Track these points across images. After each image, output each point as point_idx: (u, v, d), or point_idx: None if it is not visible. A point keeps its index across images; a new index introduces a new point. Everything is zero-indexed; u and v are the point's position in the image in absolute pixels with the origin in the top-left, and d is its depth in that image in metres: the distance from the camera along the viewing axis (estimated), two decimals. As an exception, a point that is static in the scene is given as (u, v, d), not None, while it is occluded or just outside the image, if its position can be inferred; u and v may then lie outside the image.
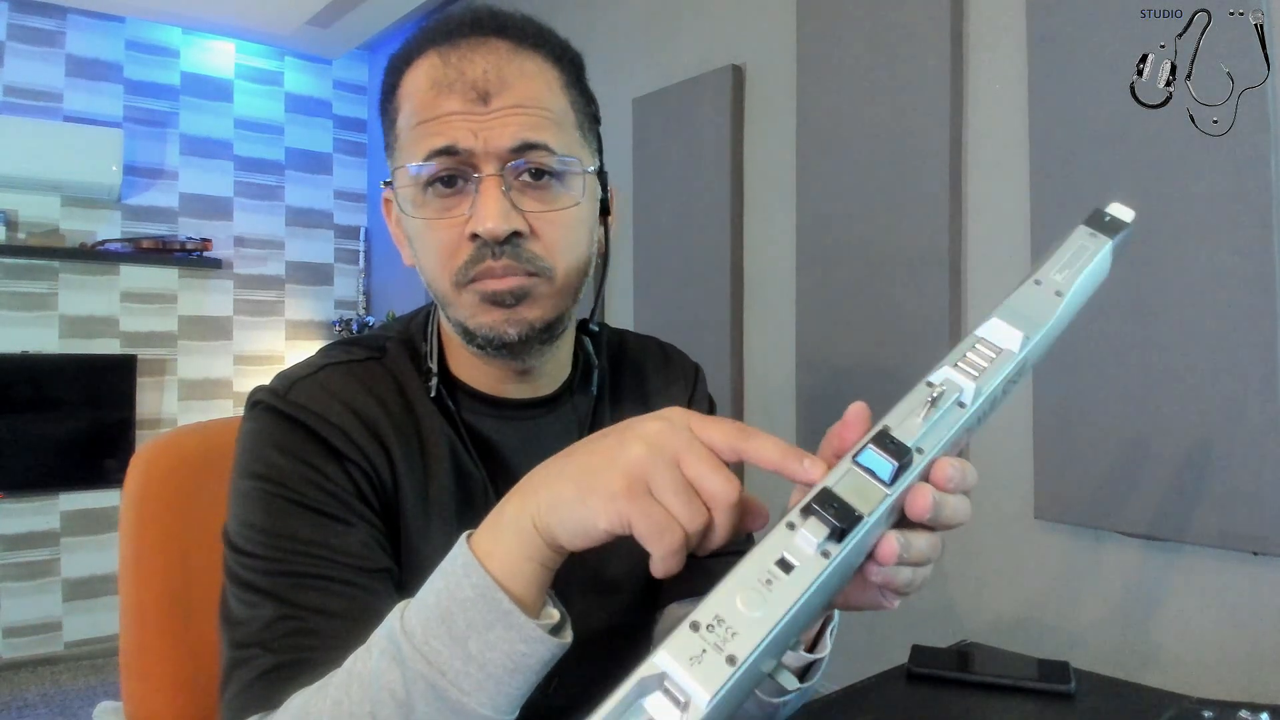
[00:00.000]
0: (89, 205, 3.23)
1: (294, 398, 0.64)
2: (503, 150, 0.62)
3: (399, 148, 0.66)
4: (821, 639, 0.63)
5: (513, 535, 0.46)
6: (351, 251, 3.90)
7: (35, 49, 3.14)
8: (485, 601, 0.46)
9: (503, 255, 0.62)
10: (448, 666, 0.46)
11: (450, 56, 0.64)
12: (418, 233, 0.66)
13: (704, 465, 0.43)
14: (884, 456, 0.39)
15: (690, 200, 2.20)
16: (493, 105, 0.62)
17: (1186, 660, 1.29)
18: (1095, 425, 1.38)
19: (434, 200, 0.64)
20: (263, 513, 0.61)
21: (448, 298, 0.66)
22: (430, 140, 0.62)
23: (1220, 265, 1.24)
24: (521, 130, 0.62)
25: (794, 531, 0.38)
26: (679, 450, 0.43)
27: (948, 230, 1.61)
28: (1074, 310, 0.48)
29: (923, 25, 1.65)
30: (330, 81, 3.86)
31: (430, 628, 0.46)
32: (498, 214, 0.61)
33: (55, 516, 3.13)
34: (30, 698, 2.80)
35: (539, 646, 0.46)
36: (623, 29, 2.51)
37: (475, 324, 0.65)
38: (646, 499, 0.42)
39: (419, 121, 0.63)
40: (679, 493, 0.42)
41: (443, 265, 0.64)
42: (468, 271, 0.63)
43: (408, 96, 0.65)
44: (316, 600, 0.58)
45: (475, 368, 0.71)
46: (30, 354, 3.08)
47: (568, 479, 0.45)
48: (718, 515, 0.43)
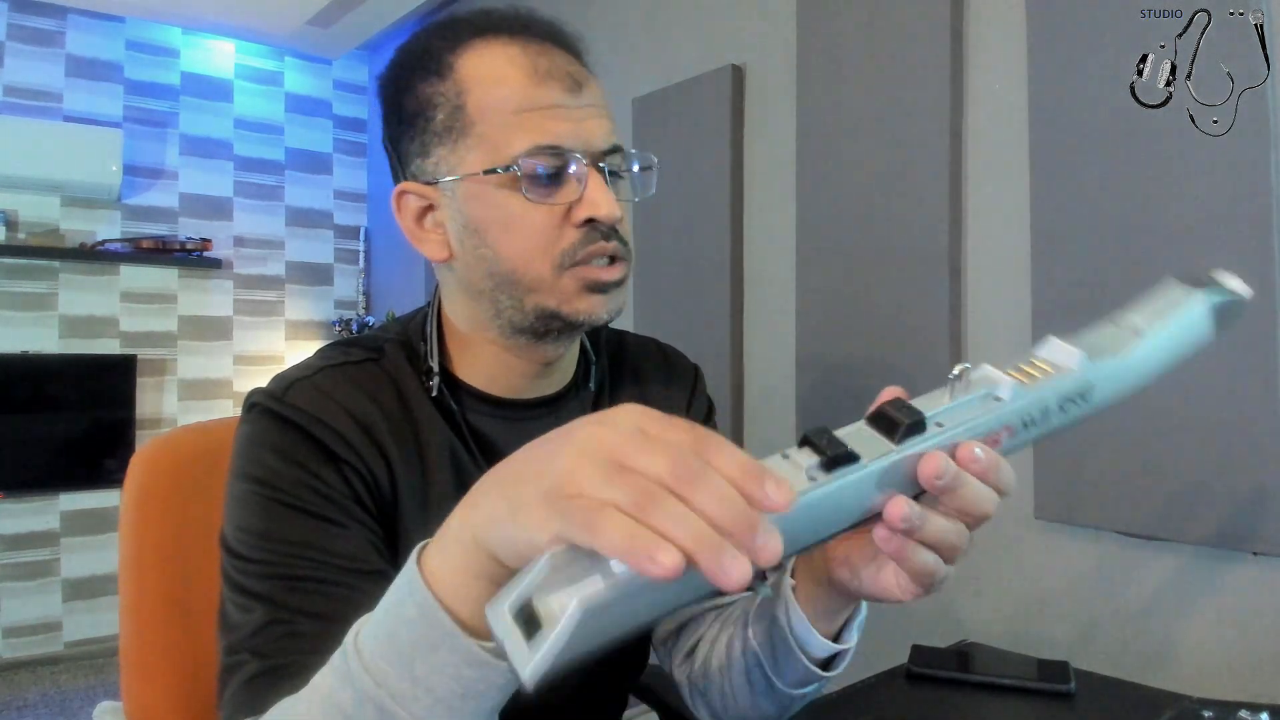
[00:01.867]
0: (89, 205, 3.23)
1: (290, 400, 0.64)
2: (599, 151, 0.66)
3: (477, 134, 0.65)
4: (847, 629, 0.63)
5: (458, 550, 0.42)
6: (351, 251, 3.90)
7: (35, 49, 3.14)
8: (428, 621, 0.42)
9: (613, 238, 0.66)
10: (395, 689, 0.42)
11: (530, 47, 0.66)
12: (505, 219, 0.65)
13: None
14: (895, 414, 0.39)
15: (690, 200, 2.20)
16: (584, 98, 0.66)
17: (1186, 660, 1.29)
18: (1095, 425, 1.38)
19: (534, 187, 0.64)
20: (257, 516, 0.61)
21: (541, 282, 0.66)
22: (534, 134, 0.63)
23: (1220, 265, 1.24)
24: (609, 133, 0.67)
25: (786, 459, 0.38)
26: (621, 455, 0.36)
27: (948, 230, 1.60)
28: (1160, 357, 0.47)
29: (923, 25, 1.65)
30: (330, 81, 3.86)
31: (379, 646, 0.44)
32: (612, 200, 0.65)
33: (55, 516, 3.13)
34: (30, 698, 2.80)
35: (488, 671, 0.42)
36: (623, 29, 2.51)
37: (571, 309, 0.66)
38: (580, 502, 0.36)
39: (519, 109, 0.64)
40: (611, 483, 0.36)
41: (542, 250, 0.65)
42: (576, 253, 0.65)
43: (486, 80, 0.65)
44: (309, 604, 0.58)
45: (490, 365, 0.71)
46: (30, 354, 3.08)
47: (500, 492, 0.40)
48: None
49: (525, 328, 0.67)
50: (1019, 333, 1.51)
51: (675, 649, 0.79)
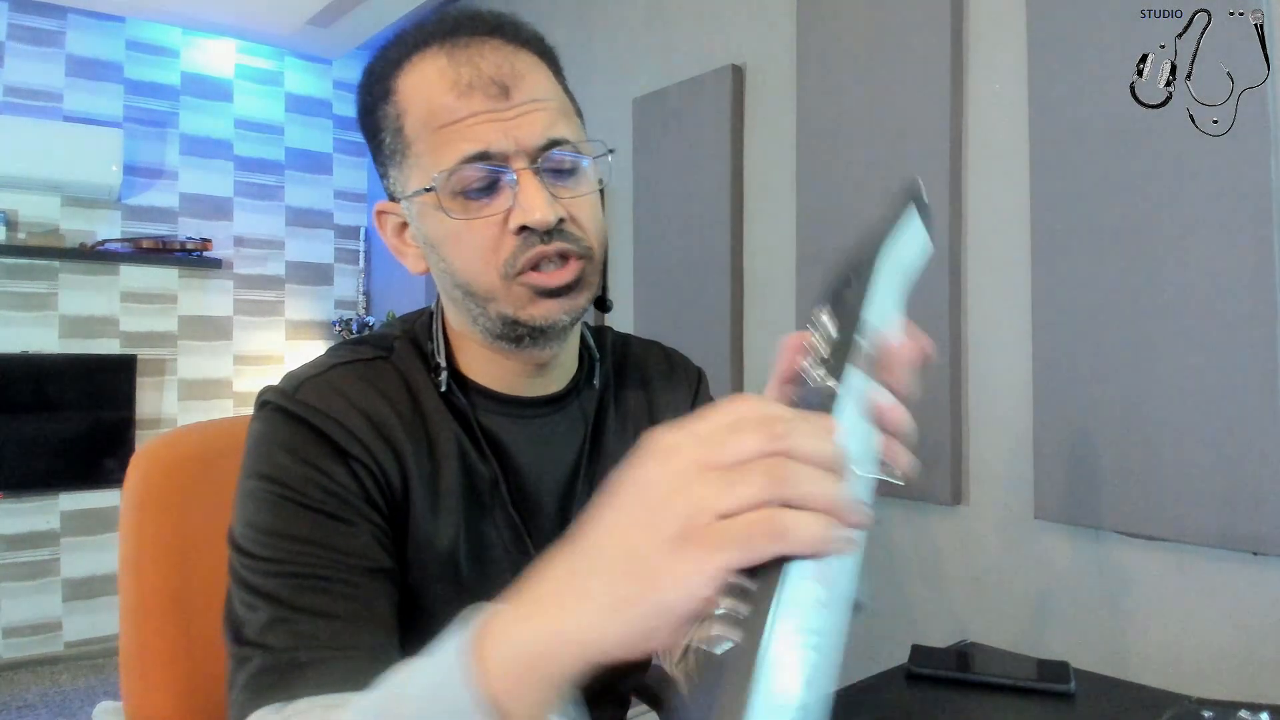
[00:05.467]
0: (89, 205, 3.23)
1: (302, 398, 0.65)
2: (533, 149, 0.63)
3: (412, 154, 0.65)
4: None
5: (530, 656, 0.36)
6: (351, 251, 3.90)
7: (35, 49, 3.14)
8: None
9: (553, 240, 0.64)
10: None
11: (457, 55, 0.64)
12: (451, 235, 0.65)
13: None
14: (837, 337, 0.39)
15: (690, 200, 2.20)
16: (513, 100, 0.63)
17: (1186, 660, 1.29)
18: (1095, 425, 1.38)
19: (468, 202, 0.64)
20: (267, 514, 0.61)
21: (493, 292, 0.65)
22: (460, 145, 0.62)
23: (1220, 265, 1.24)
24: (547, 128, 0.64)
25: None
26: (707, 459, 0.32)
27: (947, 230, 1.61)
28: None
29: (923, 25, 1.65)
30: (330, 81, 3.86)
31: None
32: (544, 204, 0.63)
33: (55, 516, 3.13)
34: (30, 698, 2.80)
35: None
36: (623, 29, 2.51)
37: (527, 315, 0.65)
38: (723, 524, 0.31)
39: (441, 125, 0.63)
40: (733, 484, 0.32)
41: (486, 261, 0.64)
42: (516, 262, 0.64)
43: (416, 100, 0.65)
44: (316, 601, 0.58)
45: (489, 365, 0.72)
46: (30, 354, 3.08)
47: (587, 586, 0.34)
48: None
49: (499, 334, 0.67)
50: (1019, 333, 1.52)
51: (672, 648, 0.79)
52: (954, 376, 1.61)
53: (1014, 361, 1.53)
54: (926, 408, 1.63)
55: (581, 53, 2.60)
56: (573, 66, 0.73)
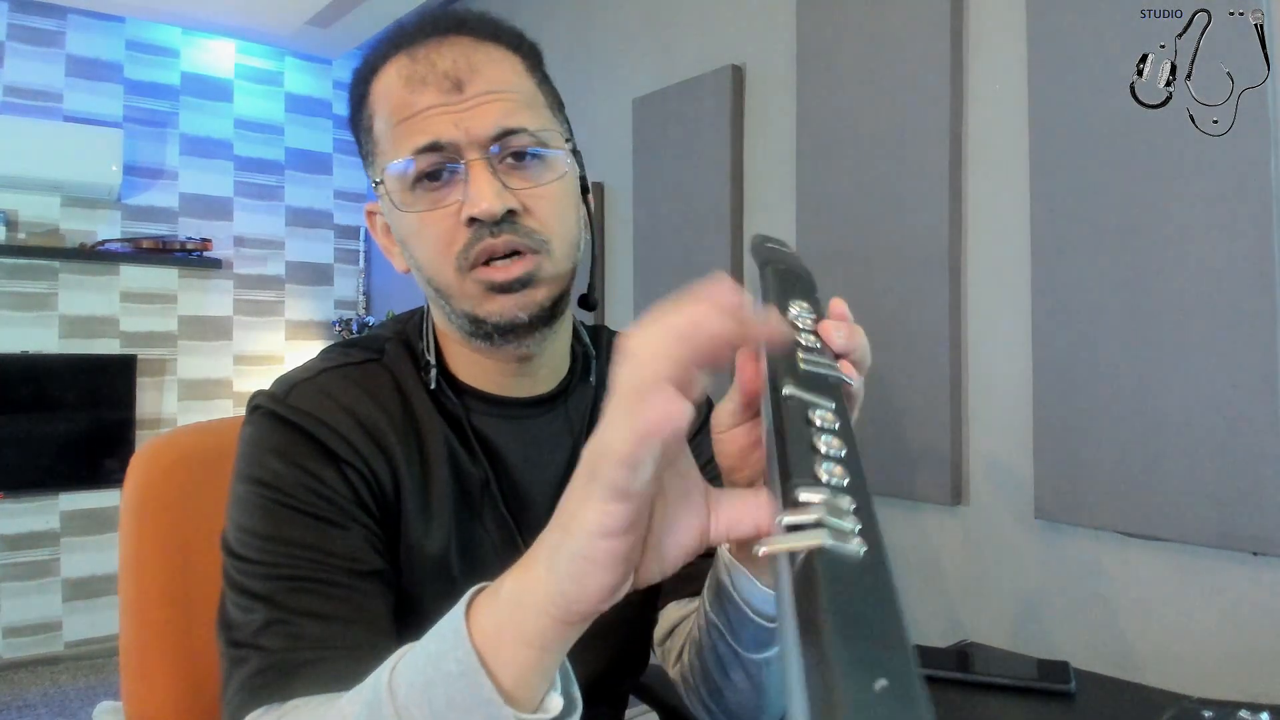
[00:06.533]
0: (89, 205, 3.23)
1: (293, 402, 0.65)
2: (484, 138, 0.63)
3: (379, 152, 0.67)
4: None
5: (523, 616, 0.40)
6: (351, 251, 3.90)
7: (35, 49, 3.15)
8: (468, 682, 0.40)
9: (501, 233, 0.63)
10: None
11: (417, 54, 0.65)
12: (411, 230, 0.66)
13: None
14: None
15: (690, 200, 2.20)
16: (467, 93, 0.63)
17: (1186, 660, 1.29)
18: (1095, 425, 1.38)
19: (423, 195, 0.64)
20: (259, 518, 0.61)
21: (451, 288, 0.65)
22: (413, 138, 0.63)
23: (1220, 265, 1.24)
24: (500, 117, 0.63)
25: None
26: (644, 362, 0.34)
27: (948, 230, 1.60)
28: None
29: (923, 25, 1.65)
30: (330, 81, 3.87)
31: (414, 694, 0.42)
32: (491, 194, 0.62)
33: (55, 516, 3.13)
34: (30, 698, 2.80)
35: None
36: (623, 29, 2.51)
37: (484, 311, 0.65)
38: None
39: (398, 120, 0.64)
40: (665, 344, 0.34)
41: (441, 255, 0.65)
42: (468, 255, 0.63)
43: (381, 100, 0.66)
44: (310, 604, 0.58)
45: (475, 365, 0.71)
46: (30, 354, 3.08)
47: (542, 553, 0.39)
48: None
49: (470, 331, 0.67)
50: (1019, 333, 1.52)
51: (669, 650, 0.79)
52: (954, 376, 1.61)
53: (1014, 361, 1.53)
54: (927, 408, 1.63)
55: (581, 53, 2.60)
56: (573, 66, 0.73)
